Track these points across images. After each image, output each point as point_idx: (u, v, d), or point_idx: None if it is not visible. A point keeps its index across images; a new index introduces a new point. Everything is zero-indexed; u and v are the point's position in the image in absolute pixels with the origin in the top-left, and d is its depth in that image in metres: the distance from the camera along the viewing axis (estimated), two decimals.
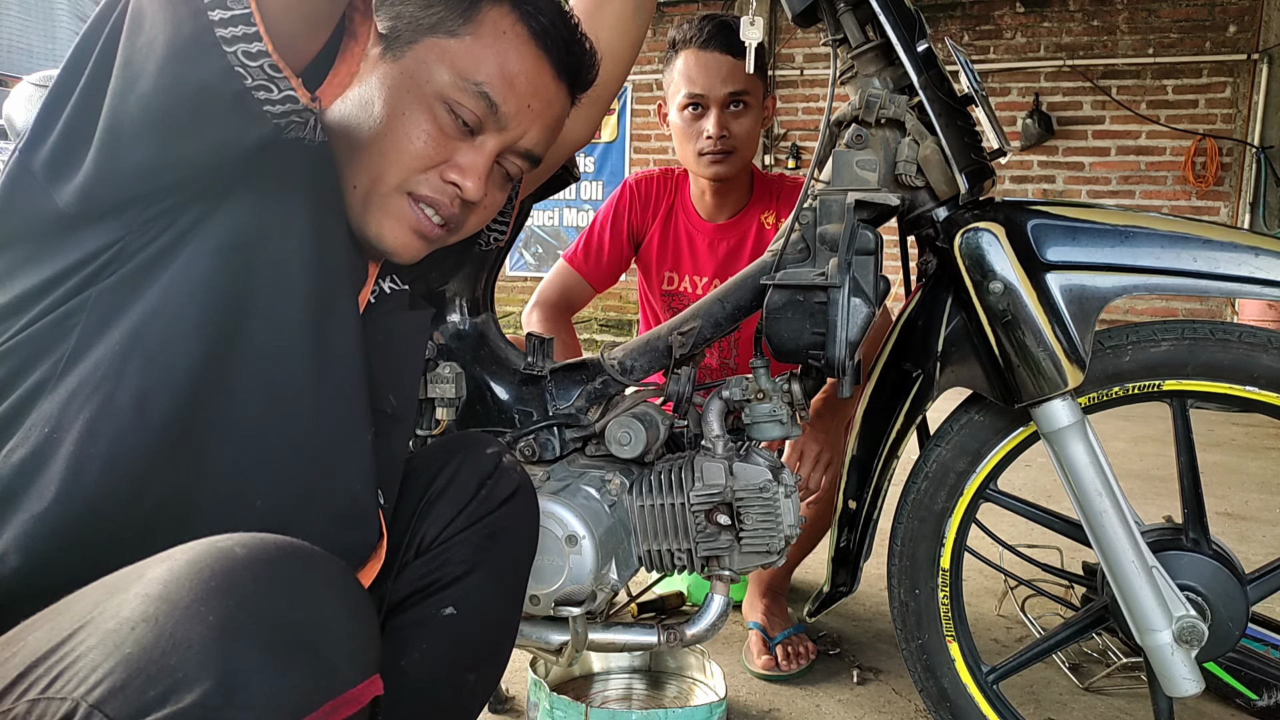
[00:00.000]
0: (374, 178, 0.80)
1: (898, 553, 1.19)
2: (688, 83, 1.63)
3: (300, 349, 0.73)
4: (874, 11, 1.04)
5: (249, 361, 0.70)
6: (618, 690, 1.44)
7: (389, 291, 0.93)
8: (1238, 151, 5.52)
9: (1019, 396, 1.03)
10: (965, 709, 1.19)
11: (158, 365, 0.64)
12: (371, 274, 0.88)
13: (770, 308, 1.08)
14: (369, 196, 0.80)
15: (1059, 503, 2.20)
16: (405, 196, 0.81)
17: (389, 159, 0.79)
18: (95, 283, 0.64)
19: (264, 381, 0.71)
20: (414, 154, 0.79)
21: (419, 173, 0.80)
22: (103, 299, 0.64)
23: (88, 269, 0.64)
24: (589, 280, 1.84)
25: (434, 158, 0.80)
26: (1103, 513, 1.02)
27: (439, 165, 0.81)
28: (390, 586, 0.87)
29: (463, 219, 0.86)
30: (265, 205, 0.70)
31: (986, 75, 5.91)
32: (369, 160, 0.79)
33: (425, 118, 0.79)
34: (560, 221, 7.15)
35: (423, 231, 0.83)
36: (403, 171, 0.80)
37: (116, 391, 0.62)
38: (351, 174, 0.80)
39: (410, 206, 0.81)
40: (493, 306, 1.35)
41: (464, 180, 0.81)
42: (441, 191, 0.82)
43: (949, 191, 1.05)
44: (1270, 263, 0.97)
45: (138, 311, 0.64)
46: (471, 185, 0.81)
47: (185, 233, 0.66)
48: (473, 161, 0.82)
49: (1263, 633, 1.41)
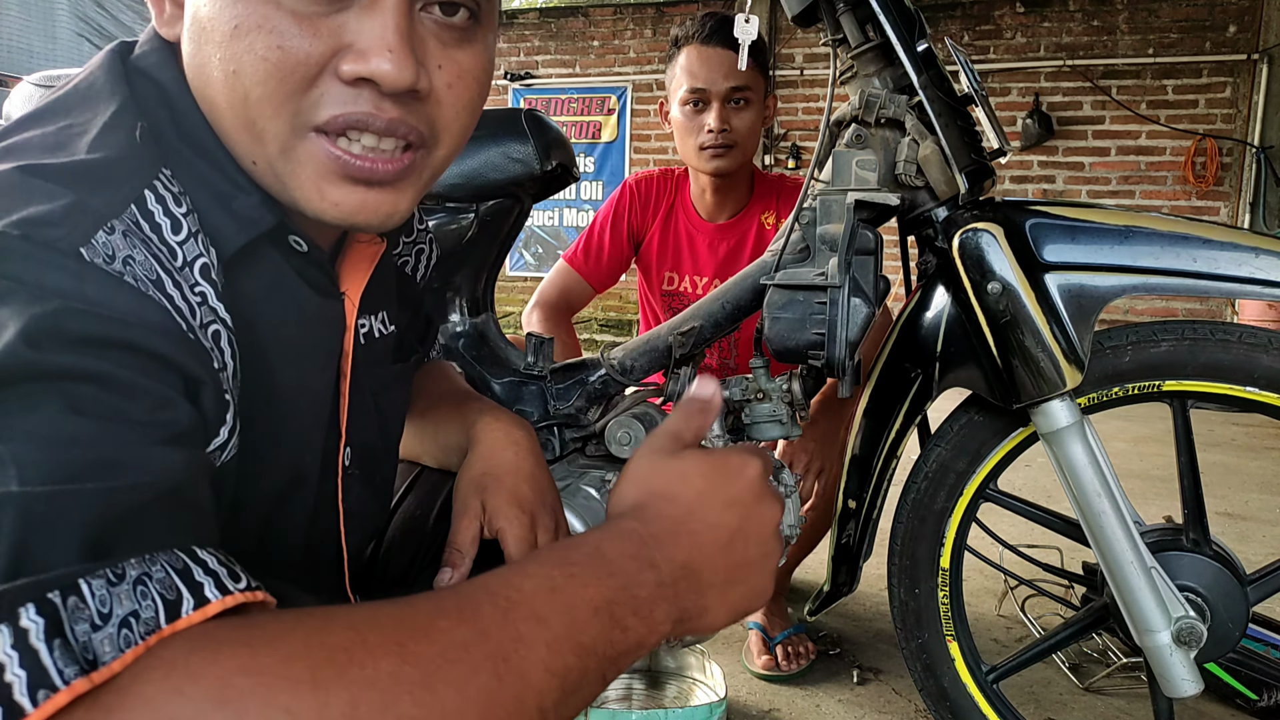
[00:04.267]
0: (257, 134, 0.55)
1: (898, 552, 1.19)
2: (689, 77, 1.63)
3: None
4: (874, 11, 1.04)
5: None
6: (618, 690, 1.44)
7: (378, 336, 0.76)
8: (1238, 151, 5.52)
9: (1017, 397, 1.03)
10: (965, 709, 1.19)
11: None
12: (350, 314, 0.69)
13: (770, 308, 1.08)
14: (272, 162, 0.56)
15: (1059, 503, 2.20)
16: (313, 136, 0.55)
17: (256, 96, 0.53)
18: None
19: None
20: (281, 69, 0.53)
21: (305, 92, 0.54)
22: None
23: None
24: (589, 280, 1.84)
25: (314, 57, 0.53)
26: (1101, 513, 1.02)
27: (325, 65, 0.54)
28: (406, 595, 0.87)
29: (424, 123, 0.58)
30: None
31: (986, 75, 5.91)
32: (240, 112, 0.55)
33: (264, 5, 0.52)
34: (560, 221, 7.15)
35: (365, 176, 0.56)
36: (283, 103, 0.54)
37: None
38: (238, 146, 0.57)
39: (327, 147, 0.55)
40: (493, 306, 1.35)
41: (371, 62, 0.53)
42: (354, 100, 0.54)
43: (949, 191, 1.05)
44: (1270, 263, 0.97)
45: None
46: (388, 64, 0.53)
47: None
48: (371, 28, 0.53)
49: (1263, 633, 1.41)
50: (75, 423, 0.43)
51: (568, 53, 7.09)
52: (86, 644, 0.39)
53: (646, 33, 6.83)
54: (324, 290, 0.65)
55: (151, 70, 0.58)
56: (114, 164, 0.51)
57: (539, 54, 7.17)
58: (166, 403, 0.47)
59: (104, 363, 0.44)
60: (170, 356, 0.48)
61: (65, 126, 0.52)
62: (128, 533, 0.42)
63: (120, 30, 6.08)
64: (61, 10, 5.56)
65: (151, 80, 0.58)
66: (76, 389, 0.43)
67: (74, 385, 0.43)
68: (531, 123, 1.22)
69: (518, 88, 7.18)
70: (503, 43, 7.26)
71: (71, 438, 0.42)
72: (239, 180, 0.58)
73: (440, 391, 0.95)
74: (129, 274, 0.48)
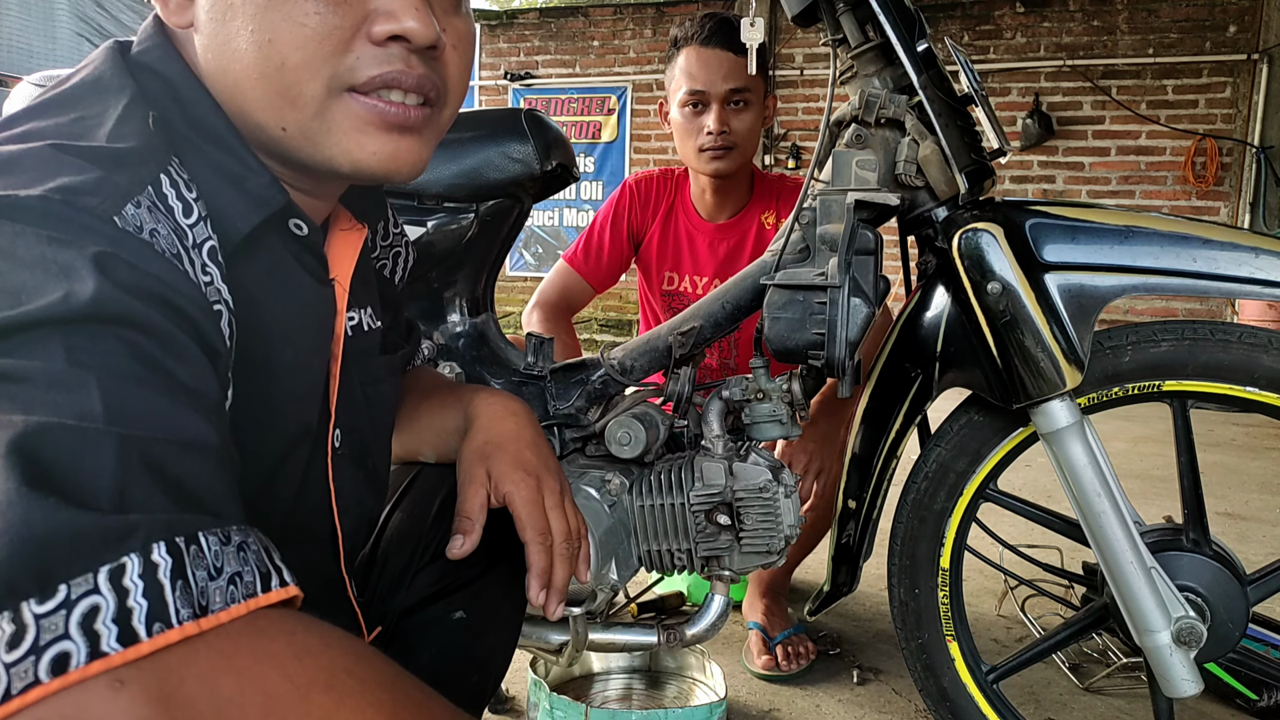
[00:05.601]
0: (293, 98, 0.59)
1: (898, 552, 1.19)
2: (689, 79, 1.63)
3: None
4: (873, 11, 1.04)
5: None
6: (618, 690, 1.44)
7: (366, 329, 0.78)
8: (1238, 151, 5.52)
9: (1017, 397, 1.03)
10: (965, 709, 1.19)
11: None
12: (340, 299, 0.71)
13: (770, 308, 1.08)
14: (304, 125, 0.60)
15: (1059, 503, 2.20)
16: (347, 96, 0.60)
17: (294, 62, 0.58)
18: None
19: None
20: (319, 35, 0.57)
21: (341, 55, 0.59)
22: None
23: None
24: (589, 280, 1.84)
25: (347, 22, 0.58)
26: (1101, 513, 1.02)
27: (359, 30, 0.59)
28: (404, 594, 0.88)
29: (439, 80, 0.64)
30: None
31: (986, 75, 5.91)
32: (274, 79, 0.58)
33: None
34: (560, 221, 7.15)
35: (400, 122, 0.62)
36: (321, 66, 0.58)
37: None
38: (266, 115, 0.60)
39: (363, 103, 0.60)
40: (493, 306, 1.35)
41: (402, 22, 0.59)
42: (387, 60, 0.60)
43: (949, 191, 1.05)
44: (1270, 263, 0.97)
45: None
46: (415, 23, 0.59)
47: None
48: None
49: (1263, 633, 1.41)
50: (139, 370, 0.45)
51: (568, 53, 7.09)
52: (204, 589, 0.42)
53: (646, 33, 6.83)
54: (318, 275, 0.68)
55: (155, 65, 0.61)
56: (132, 150, 0.54)
57: (539, 54, 7.17)
58: (205, 373, 0.50)
59: (161, 318, 0.48)
60: (200, 324, 0.51)
61: (78, 118, 0.55)
62: (204, 494, 0.46)
63: (120, 30, 6.09)
64: (61, 10, 5.56)
65: (156, 74, 0.60)
66: (138, 338, 0.46)
67: (136, 334, 0.46)
68: (531, 123, 1.22)
69: (518, 88, 7.18)
70: (503, 43, 7.26)
71: (140, 382, 0.45)
72: (250, 162, 0.61)
73: (431, 385, 0.96)
74: (156, 244, 0.51)
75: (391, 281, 0.91)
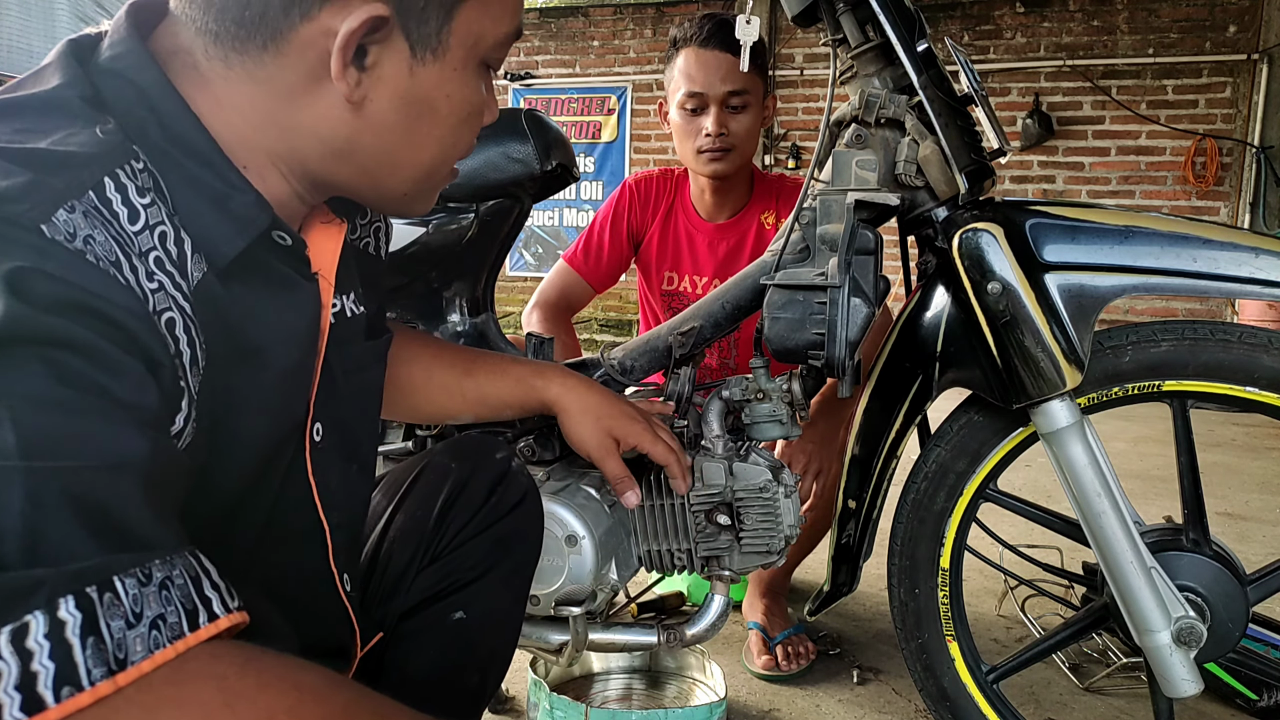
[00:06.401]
0: (436, 181, 0.73)
1: (898, 552, 1.19)
2: (687, 80, 1.63)
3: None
4: (873, 11, 1.04)
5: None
6: (618, 690, 1.44)
7: (349, 316, 0.79)
8: (1238, 151, 5.52)
9: (1017, 397, 1.03)
10: (965, 709, 1.19)
11: None
12: (326, 293, 0.73)
13: (770, 308, 1.08)
14: (418, 188, 0.72)
15: (1059, 503, 2.20)
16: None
17: (450, 160, 0.72)
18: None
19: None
20: (475, 130, 0.72)
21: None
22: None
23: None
24: (589, 280, 1.84)
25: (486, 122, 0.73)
26: (1101, 513, 1.02)
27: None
28: (404, 596, 0.88)
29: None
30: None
31: (986, 75, 5.91)
32: (439, 168, 0.71)
33: (480, 88, 0.70)
34: (560, 221, 7.15)
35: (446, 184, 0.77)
36: (465, 151, 0.73)
37: None
38: (400, 184, 0.70)
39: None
40: (493, 306, 1.35)
41: (489, 119, 0.74)
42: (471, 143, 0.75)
43: (949, 191, 1.05)
44: (1270, 263, 0.97)
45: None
46: (490, 118, 0.74)
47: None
48: (494, 100, 0.75)
49: (1263, 633, 1.41)
50: (62, 393, 0.43)
51: (568, 53, 7.09)
52: (121, 641, 0.40)
53: (646, 33, 6.83)
54: (301, 274, 0.69)
55: (128, 72, 0.59)
56: (72, 155, 0.52)
57: (539, 54, 7.17)
58: (143, 384, 0.47)
59: (87, 332, 0.45)
60: (136, 334, 0.48)
61: (21, 130, 0.53)
62: (130, 522, 0.43)
63: None
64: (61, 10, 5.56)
65: (129, 82, 0.58)
66: (62, 357, 0.43)
67: (60, 353, 0.43)
68: (531, 123, 1.21)
69: (518, 88, 7.18)
70: None
71: (62, 406, 0.42)
72: (233, 179, 0.61)
73: (457, 351, 1.03)
74: (90, 253, 0.48)
75: (377, 257, 0.91)
